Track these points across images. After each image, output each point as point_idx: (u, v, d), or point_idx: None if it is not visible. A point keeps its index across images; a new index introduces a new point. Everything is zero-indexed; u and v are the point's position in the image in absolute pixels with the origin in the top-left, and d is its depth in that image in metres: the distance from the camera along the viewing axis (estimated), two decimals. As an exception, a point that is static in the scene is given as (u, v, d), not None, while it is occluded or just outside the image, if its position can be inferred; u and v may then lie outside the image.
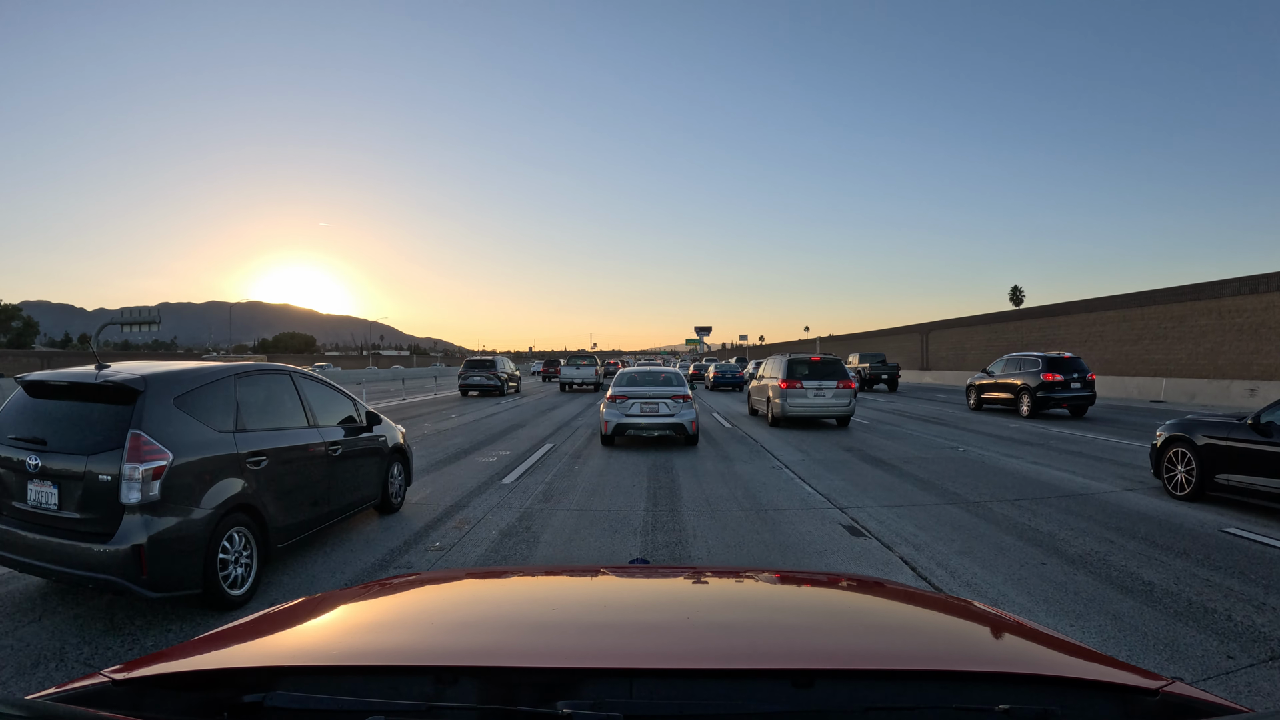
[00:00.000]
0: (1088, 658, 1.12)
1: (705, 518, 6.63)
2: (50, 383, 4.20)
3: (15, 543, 3.89)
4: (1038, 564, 5.13)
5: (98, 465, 3.76)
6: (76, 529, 3.79)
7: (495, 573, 1.90)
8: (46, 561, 3.81)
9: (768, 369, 16.09)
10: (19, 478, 3.95)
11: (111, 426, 3.84)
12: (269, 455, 4.62)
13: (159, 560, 3.73)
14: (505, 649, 1.09)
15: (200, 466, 4.07)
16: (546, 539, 5.81)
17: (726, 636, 1.19)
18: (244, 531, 4.31)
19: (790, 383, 14.24)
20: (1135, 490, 7.82)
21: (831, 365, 14.61)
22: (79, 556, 3.72)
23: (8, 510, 4.00)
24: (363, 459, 6.04)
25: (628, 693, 0.93)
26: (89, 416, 3.97)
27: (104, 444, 3.79)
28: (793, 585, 1.68)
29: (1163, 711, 0.94)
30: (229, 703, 0.93)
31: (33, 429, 4.03)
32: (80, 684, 0.95)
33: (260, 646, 1.15)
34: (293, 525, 4.86)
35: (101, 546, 3.67)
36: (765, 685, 0.96)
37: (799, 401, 14.22)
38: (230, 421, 4.43)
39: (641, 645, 1.13)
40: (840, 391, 14.26)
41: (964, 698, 0.95)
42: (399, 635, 1.22)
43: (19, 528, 3.91)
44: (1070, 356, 17.37)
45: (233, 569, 4.20)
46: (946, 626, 1.37)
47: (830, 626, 1.31)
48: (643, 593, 1.56)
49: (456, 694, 0.94)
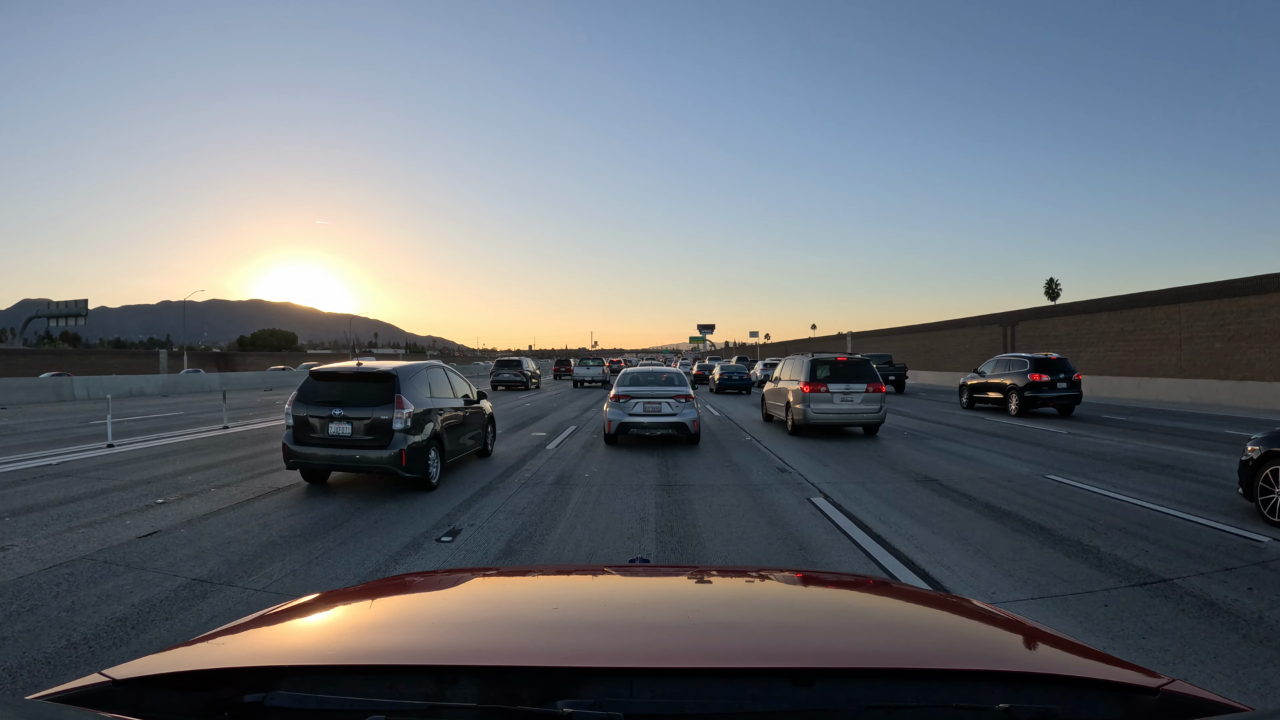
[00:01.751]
0: (1088, 656, 1.12)
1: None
2: (335, 371, 7.87)
3: (323, 454, 7.54)
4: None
5: (378, 413, 7.41)
6: (365, 445, 7.42)
7: (495, 572, 1.99)
8: (344, 462, 7.48)
9: (786, 370, 14.77)
10: (322, 422, 7.57)
11: (383, 393, 7.51)
12: (442, 411, 8.29)
13: (409, 459, 7.38)
14: (506, 648, 1.10)
15: (421, 414, 7.73)
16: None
17: (727, 635, 1.21)
18: (436, 450, 7.96)
19: (814, 386, 13.01)
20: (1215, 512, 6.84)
21: (860, 367, 13.42)
22: (367, 458, 7.36)
23: (317, 440, 7.62)
24: (475, 419, 9.73)
25: (628, 692, 0.94)
26: (365, 389, 7.62)
27: (380, 401, 7.45)
28: (793, 584, 1.69)
29: (1163, 710, 0.93)
30: (229, 702, 0.95)
31: (327, 396, 7.67)
32: (80, 684, 0.96)
33: (260, 646, 1.18)
34: (451, 451, 8.55)
35: (381, 452, 7.32)
36: (766, 684, 0.97)
37: (824, 408, 13.00)
38: (426, 393, 8.10)
39: (642, 644, 1.14)
40: (870, 396, 13.04)
41: (964, 696, 0.95)
42: (399, 635, 1.23)
43: (324, 447, 7.54)
44: (1057, 357, 17.83)
45: (432, 469, 7.84)
46: (947, 625, 1.38)
47: (830, 625, 1.32)
48: (643, 592, 1.57)
49: (457, 693, 0.95)
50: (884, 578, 2.18)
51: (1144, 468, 9.66)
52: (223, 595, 4.50)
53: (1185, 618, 4.15)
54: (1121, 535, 6.07)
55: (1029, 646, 1.21)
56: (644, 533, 6.15)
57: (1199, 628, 4.00)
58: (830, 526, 6.39)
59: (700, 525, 6.44)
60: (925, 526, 6.38)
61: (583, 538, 5.99)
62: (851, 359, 13.73)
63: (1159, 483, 8.53)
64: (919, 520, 6.62)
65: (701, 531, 6.21)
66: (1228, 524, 6.44)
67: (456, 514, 6.81)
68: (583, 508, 7.12)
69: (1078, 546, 5.71)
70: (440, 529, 6.26)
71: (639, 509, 7.06)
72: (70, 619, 4.06)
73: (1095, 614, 4.21)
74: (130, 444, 11.95)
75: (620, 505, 7.22)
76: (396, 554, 5.46)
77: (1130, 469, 9.59)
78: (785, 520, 6.60)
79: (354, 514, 6.77)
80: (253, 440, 12.73)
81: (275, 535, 5.98)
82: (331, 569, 5.08)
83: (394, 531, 6.15)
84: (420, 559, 5.37)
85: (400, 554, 5.46)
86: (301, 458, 7.65)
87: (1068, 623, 4.06)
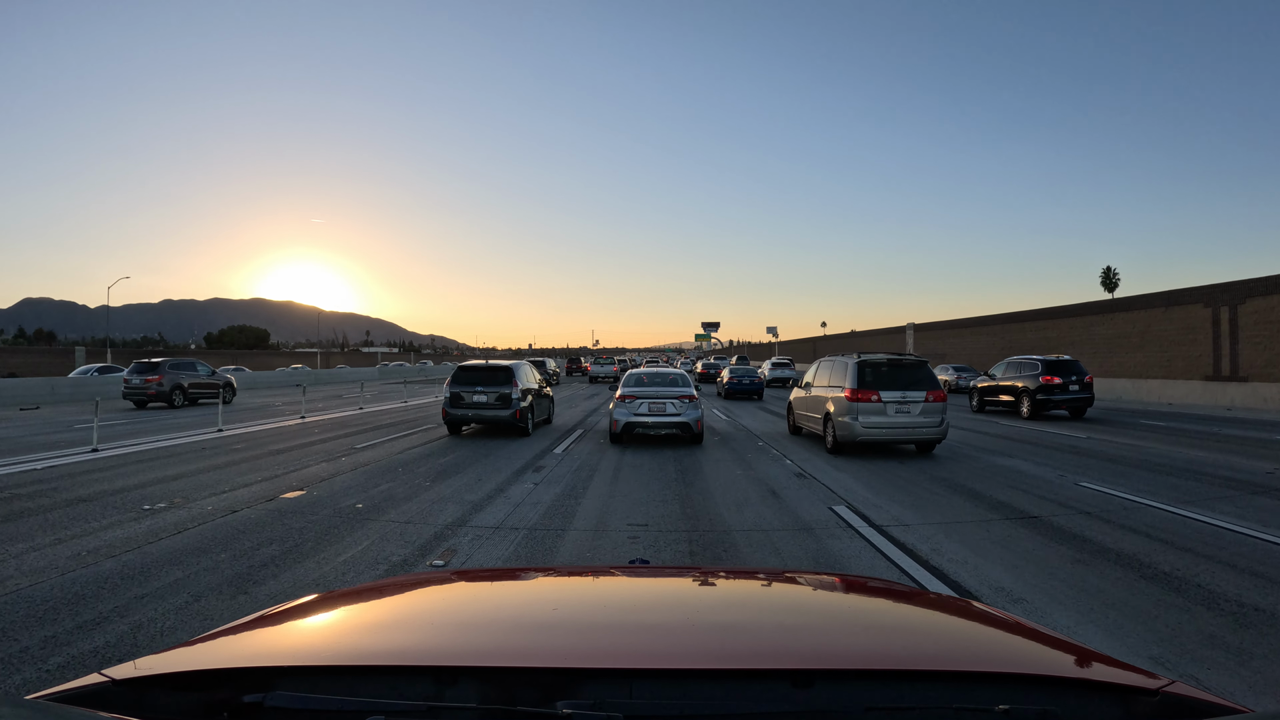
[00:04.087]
0: (1088, 658, 1.12)
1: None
2: (473, 365, 13.22)
3: (470, 414, 12.76)
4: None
5: (503, 389, 12.65)
6: (496, 408, 12.61)
7: (495, 573, 1.93)
8: (482, 418, 12.74)
9: (823, 375, 12.51)
10: (469, 393, 12.73)
11: (506, 377, 12.77)
12: (531, 390, 13.47)
13: (520, 416, 12.66)
14: (505, 649, 1.11)
15: (524, 391, 12.93)
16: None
17: (727, 637, 1.21)
18: (530, 413, 13.17)
19: (862, 393, 10.80)
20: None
21: (917, 371, 11.26)
22: (498, 416, 12.60)
23: (465, 404, 12.78)
24: (545, 397, 14.95)
25: (628, 693, 0.94)
26: (496, 373, 12.88)
27: (505, 382, 12.70)
28: (793, 585, 1.69)
29: (1163, 711, 0.94)
30: (229, 703, 0.95)
31: (469, 379, 12.91)
32: (80, 684, 0.96)
33: (260, 646, 1.18)
34: (536, 415, 13.81)
35: (504, 411, 12.56)
36: (765, 685, 0.97)
37: (875, 420, 10.75)
38: (525, 379, 13.34)
39: (642, 645, 1.14)
40: (930, 407, 10.84)
41: (964, 698, 0.96)
42: (399, 635, 1.24)
43: (471, 410, 12.74)
44: (1069, 359, 17.71)
45: (529, 423, 13.12)
46: (947, 626, 1.38)
47: (830, 626, 1.32)
48: (643, 593, 1.58)
49: (456, 694, 0.95)
50: (884, 578, 2.41)
51: (1233, 486, 8.20)
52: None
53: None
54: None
55: (1029, 648, 1.22)
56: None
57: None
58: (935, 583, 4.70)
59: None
60: (1102, 607, 4.27)
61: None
62: (905, 359, 11.47)
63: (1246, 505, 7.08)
64: (1080, 595, 4.50)
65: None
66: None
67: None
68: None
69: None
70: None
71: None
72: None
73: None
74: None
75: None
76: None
77: (1227, 489, 7.95)
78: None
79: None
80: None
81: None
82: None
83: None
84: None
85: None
86: (454, 416, 12.85)
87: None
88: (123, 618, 3.99)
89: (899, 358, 11.48)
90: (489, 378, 13.11)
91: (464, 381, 13.15)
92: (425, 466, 9.78)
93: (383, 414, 18.95)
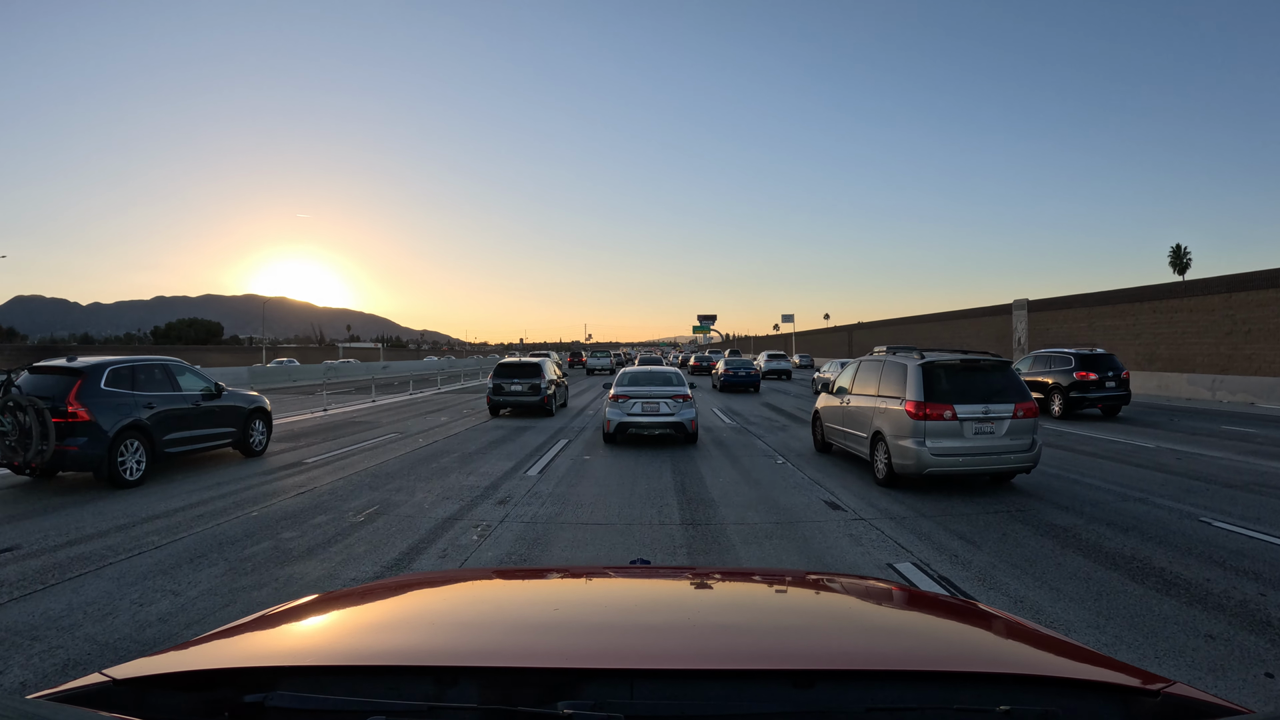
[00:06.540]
0: (1089, 659, 1.12)
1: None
2: (510, 362, 17.60)
3: (511, 400, 17.09)
4: None
5: (534, 380, 17.01)
6: (529, 395, 16.97)
7: (496, 573, 1.92)
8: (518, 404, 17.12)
9: (865, 378, 9.52)
10: (508, 384, 17.03)
11: (536, 371, 17.16)
12: (554, 382, 18.00)
13: (548, 401, 17.10)
14: (506, 649, 1.12)
15: (549, 381, 17.52)
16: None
17: (728, 637, 1.22)
18: (554, 398, 17.71)
19: (932, 408, 7.85)
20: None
21: (999, 375, 8.29)
22: (530, 402, 16.96)
23: (505, 392, 17.03)
24: (563, 386, 19.51)
25: (629, 693, 0.95)
26: (527, 368, 17.27)
27: (535, 375, 17.11)
28: (794, 586, 1.70)
29: (1163, 712, 0.94)
30: (229, 703, 0.96)
31: (507, 373, 17.19)
32: (80, 684, 0.96)
33: (261, 646, 1.19)
34: (558, 402, 18.33)
35: (534, 398, 16.99)
36: (766, 686, 0.98)
37: (949, 446, 7.80)
38: (549, 372, 17.79)
39: (642, 646, 1.15)
40: (1019, 424, 7.91)
41: (965, 698, 0.96)
42: (399, 635, 1.25)
43: (509, 397, 17.02)
44: (1105, 353, 16.39)
45: (554, 406, 17.66)
46: (948, 627, 1.38)
47: (831, 627, 1.33)
48: (643, 593, 1.59)
49: (457, 694, 0.96)
50: (885, 579, 2.22)
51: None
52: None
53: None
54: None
55: (1030, 649, 1.23)
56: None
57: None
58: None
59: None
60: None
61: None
62: (983, 360, 8.45)
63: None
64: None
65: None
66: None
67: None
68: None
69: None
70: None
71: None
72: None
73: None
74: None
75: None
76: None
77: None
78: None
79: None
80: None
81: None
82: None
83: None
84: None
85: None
86: (495, 401, 17.04)
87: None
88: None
89: (975, 358, 8.41)
90: (522, 371, 17.22)
91: (503, 375, 17.26)
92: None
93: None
